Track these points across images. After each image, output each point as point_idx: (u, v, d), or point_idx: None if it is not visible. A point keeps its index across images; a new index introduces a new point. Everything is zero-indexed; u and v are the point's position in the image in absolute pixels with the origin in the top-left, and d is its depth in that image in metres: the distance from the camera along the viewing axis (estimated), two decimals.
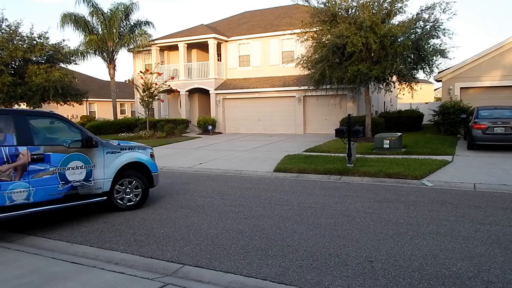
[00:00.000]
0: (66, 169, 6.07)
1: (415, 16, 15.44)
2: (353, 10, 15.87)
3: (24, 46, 16.45)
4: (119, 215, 6.75)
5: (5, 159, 5.45)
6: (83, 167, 6.30)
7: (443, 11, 15.10)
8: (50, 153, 5.90)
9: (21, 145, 5.63)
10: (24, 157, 5.62)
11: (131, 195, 7.04)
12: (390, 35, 14.56)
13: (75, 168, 6.18)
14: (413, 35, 15.23)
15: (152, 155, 7.53)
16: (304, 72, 18.19)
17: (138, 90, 22.46)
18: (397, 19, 16.19)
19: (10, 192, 5.48)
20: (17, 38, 16.55)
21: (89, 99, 29.10)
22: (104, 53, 27.70)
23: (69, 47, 18.80)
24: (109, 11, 27.12)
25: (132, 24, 28.04)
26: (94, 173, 6.45)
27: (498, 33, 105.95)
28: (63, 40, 22.22)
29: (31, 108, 18.43)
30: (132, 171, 7.07)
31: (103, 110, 38.68)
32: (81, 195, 6.32)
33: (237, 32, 25.37)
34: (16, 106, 19.25)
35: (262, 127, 23.35)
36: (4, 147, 5.48)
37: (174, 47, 25.72)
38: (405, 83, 17.18)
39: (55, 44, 17.67)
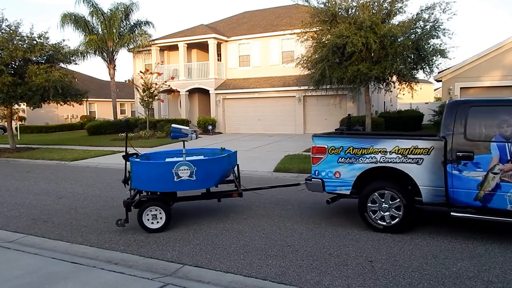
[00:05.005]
0: None
1: (415, 16, 15.42)
2: (353, 10, 15.86)
3: (24, 46, 16.39)
4: (112, 213, 6.74)
5: (509, 157, 4.80)
6: None
7: (443, 11, 15.09)
8: None
9: None
10: None
11: None
12: (390, 35, 14.55)
13: None
14: (413, 35, 15.21)
15: None
16: (304, 72, 18.18)
17: (138, 90, 22.46)
18: (397, 19, 16.20)
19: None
20: (17, 38, 16.51)
21: (89, 99, 29.07)
22: (104, 53, 27.71)
23: (69, 47, 18.65)
24: (109, 11, 27.14)
25: (132, 24, 28.05)
26: None
27: (498, 33, 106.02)
28: (63, 40, 22.14)
29: (31, 108, 18.40)
30: None
31: (103, 110, 38.70)
32: None
33: (237, 32, 25.36)
34: (16, 106, 19.23)
35: (262, 127, 23.35)
36: (510, 143, 4.82)
37: (174, 47, 25.72)
38: (405, 83, 17.16)
39: (55, 44, 17.60)
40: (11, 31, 16.57)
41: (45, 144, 20.14)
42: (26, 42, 16.71)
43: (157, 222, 5.75)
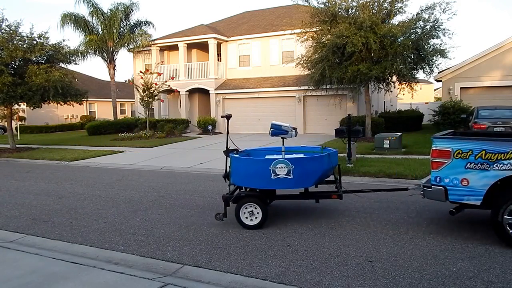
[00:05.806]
0: None
1: (415, 16, 15.44)
2: (353, 10, 15.88)
3: (24, 46, 16.39)
4: (112, 212, 6.75)
5: None
6: None
7: (443, 11, 15.11)
8: None
9: None
10: None
11: None
12: (390, 35, 14.57)
13: None
14: (413, 35, 15.24)
15: None
16: (304, 72, 18.19)
17: (138, 90, 22.47)
18: (397, 19, 16.24)
19: None
20: (17, 38, 16.51)
21: (89, 99, 29.09)
22: (104, 53, 27.72)
23: (69, 47, 18.65)
24: (109, 11, 27.15)
25: (132, 24, 28.07)
26: None
27: (498, 33, 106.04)
28: (63, 40, 22.14)
29: (31, 108, 18.39)
30: None
31: (103, 110, 38.69)
32: None
33: (237, 32, 25.36)
34: (16, 106, 19.23)
35: (262, 127, 23.29)
36: None
37: (174, 47, 25.72)
38: (405, 83, 17.18)
39: (55, 44, 17.59)
40: (11, 31, 16.57)
41: (45, 144, 20.14)
42: (26, 42, 16.71)
43: (254, 219, 5.76)
